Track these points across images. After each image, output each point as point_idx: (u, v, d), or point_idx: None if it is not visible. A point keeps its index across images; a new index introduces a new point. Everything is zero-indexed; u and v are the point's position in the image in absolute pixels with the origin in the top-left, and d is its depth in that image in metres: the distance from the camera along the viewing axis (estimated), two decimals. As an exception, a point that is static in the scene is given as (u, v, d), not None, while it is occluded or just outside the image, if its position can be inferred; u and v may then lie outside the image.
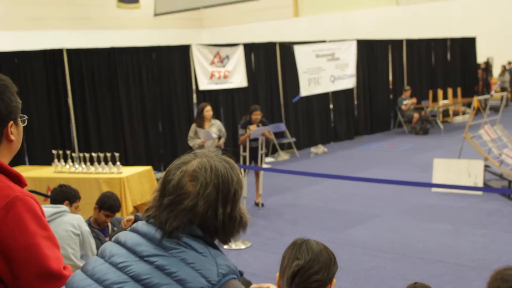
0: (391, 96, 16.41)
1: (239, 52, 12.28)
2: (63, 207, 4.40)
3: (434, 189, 8.77)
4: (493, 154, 9.25)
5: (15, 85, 1.96)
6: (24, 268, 1.80)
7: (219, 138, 8.39)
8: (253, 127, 8.43)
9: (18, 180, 1.94)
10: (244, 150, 8.51)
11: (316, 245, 2.28)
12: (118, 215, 7.59)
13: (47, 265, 1.83)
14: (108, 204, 5.08)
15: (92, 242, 4.46)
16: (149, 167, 8.17)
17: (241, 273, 1.61)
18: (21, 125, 1.99)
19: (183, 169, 1.63)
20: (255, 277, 5.76)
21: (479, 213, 7.66)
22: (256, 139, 8.58)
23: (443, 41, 18.27)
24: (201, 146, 8.26)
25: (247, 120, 8.62)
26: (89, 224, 4.98)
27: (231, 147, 9.51)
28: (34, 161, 9.25)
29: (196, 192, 1.58)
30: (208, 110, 8.36)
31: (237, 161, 8.18)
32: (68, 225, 4.29)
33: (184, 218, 1.57)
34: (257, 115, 8.54)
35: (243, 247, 6.74)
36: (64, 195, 4.73)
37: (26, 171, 8.31)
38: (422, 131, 14.98)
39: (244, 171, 8.10)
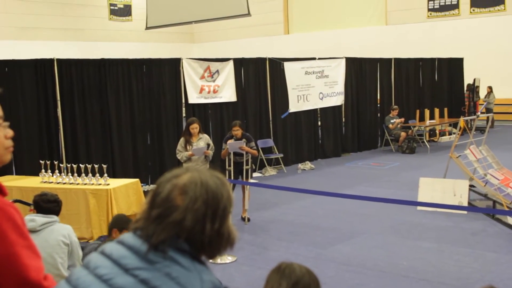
0: (378, 115, 16.52)
1: (229, 67, 12.34)
2: (54, 217, 4.43)
3: (419, 208, 8.82)
4: (478, 174, 9.34)
5: (4, 93, 1.85)
6: (3, 278, 1.77)
7: (208, 146, 8.41)
8: (230, 142, 8.49)
9: None
10: (229, 165, 8.54)
11: (299, 269, 2.29)
12: (104, 227, 7.58)
13: (26, 275, 1.80)
14: (125, 220, 4.77)
15: (80, 253, 4.47)
16: (136, 180, 8.17)
17: (225, 289, 1.62)
18: None
19: (173, 182, 1.63)
20: (239, 292, 5.77)
21: (464, 232, 7.72)
22: (241, 155, 8.61)
23: (431, 61, 18.45)
24: (189, 159, 8.29)
25: (230, 135, 8.69)
26: None
27: (219, 162, 9.53)
28: (21, 171, 9.18)
29: (185, 206, 1.58)
30: (193, 128, 8.37)
31: (224, 176, 8.19)
32: (59, 234, 4.31)
33: (171, 231, 1.56)
34: (236, 131, 8.59)
35: (228, 261, 6.74)
36: (57, 208, 4.67)
37: (13, 181, 8.27)
38: (408, 150, 15.08)
39: (230, 185, 8.10)
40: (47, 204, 4.54)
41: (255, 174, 12.31)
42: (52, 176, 7.95)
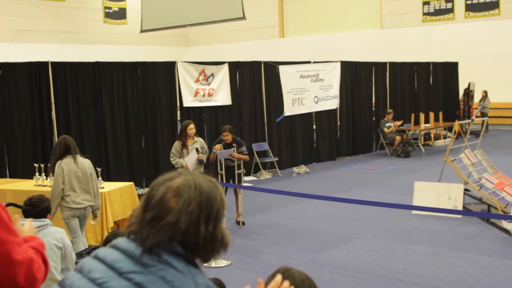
0: (373, 118, 16.55)
1: (224, 71, 12.33)
2: (47, 221, 4.40)
3: (414, 212, 8.83)
4: (473, 178, 9.35)
5: None
6: None
7: (197, 150, 8.28)
8: (218, 147, 8.44)
9: None
10: (221, 169, 8.50)
11: (298, 274, 2.27)
12: (98, 231, 7.57)
13: (16, 273, 1.83)
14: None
15: (74, 256, 4.44)
16: (130, 183, 8.14)
17: (220, 292, 1.62)
18: None
19: (167, 185, 1.62)
20: (234, 296, 5.75)
21: (458, 236, 7.73)
22: (232, 159, 8.58)
23: (426, 65, 18.51)
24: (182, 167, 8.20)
25: (220, 139, 8.65)
26: None
27: (213, 165, 9.49)
28: (15, 174, 9.15)
29: (179, 208, 1.58)
30: (191, 129, 8.28)
31: (216, 180, 8.18)
32: (51, 238, 4.28)
33: (166, 234, 1.56)
34: (226, 136, 8.53)
35: (222, 265, 6.72)
36: (31, 212, 4.59)
37: (7, 184, 8.24)
38: (403, 154, 15.10)
39: (222, 188, 8.03)
40: (23, 207, 4.54)
41: (250, 178, 12.30)
42: (46, 179, 7.91)
